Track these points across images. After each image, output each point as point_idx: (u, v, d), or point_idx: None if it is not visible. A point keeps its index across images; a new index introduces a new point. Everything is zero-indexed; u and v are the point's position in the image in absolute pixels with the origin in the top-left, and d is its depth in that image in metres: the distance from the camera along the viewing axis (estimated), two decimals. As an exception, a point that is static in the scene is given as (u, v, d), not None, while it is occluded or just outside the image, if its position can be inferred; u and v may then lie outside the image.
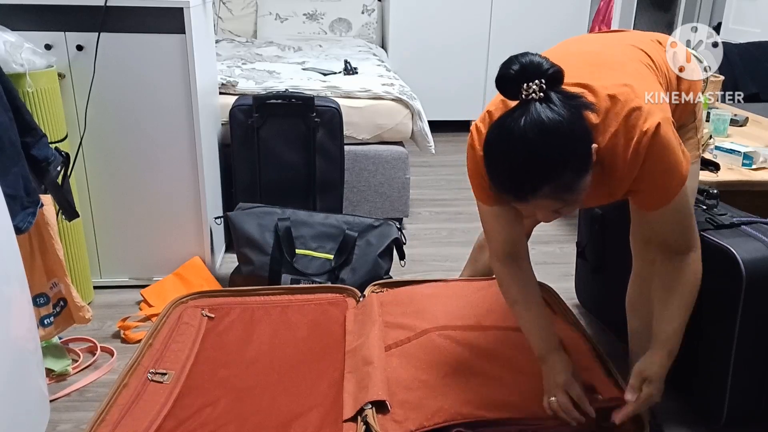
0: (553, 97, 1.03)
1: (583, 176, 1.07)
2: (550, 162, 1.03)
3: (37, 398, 1.30)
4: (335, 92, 2.53)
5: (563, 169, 1.04)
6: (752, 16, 4.00)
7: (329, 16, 4.16)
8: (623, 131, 1.11)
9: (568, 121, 1.03)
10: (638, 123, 1.10)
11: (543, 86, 1.03)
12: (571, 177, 1.06)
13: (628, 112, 1.11)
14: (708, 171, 1.91)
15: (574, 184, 1.07)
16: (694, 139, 1.39)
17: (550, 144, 1.02)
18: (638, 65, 1.22)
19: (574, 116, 1.04)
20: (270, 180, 2.37)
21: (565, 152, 1.04)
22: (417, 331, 1.56)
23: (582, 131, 1.06)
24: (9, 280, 1.20)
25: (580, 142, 1.06)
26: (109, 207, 2.06)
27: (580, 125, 1.06)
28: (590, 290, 1.98)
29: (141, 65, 1.93)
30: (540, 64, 1.04)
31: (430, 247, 2.52)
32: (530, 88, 1.03)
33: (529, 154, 1.03)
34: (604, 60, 1.23)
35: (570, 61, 1.15)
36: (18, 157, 1.42)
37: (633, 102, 1.11)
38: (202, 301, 1.79)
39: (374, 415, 1.29)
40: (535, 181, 1.04)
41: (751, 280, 1.34)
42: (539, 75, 1.03)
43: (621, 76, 1.17)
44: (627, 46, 1.28)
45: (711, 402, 1.47)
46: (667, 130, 1.11)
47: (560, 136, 1.02)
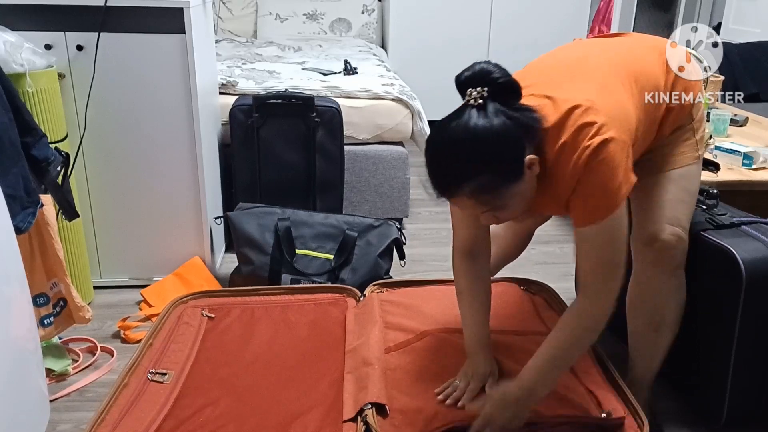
0: (489, 106, 1.08)
1: (508, 183, 1.12)
2: (469, 163, 1.09)
3: (37, 398, 1.30)
4: (335, 92, 2.53)
5: (482, 172, 1.09)
6: (752, 16, 4.00)
7: (329, 16, 4.16)
8: (570, 144, 1.12)
9: (496, 130, 1.07)
10: (585, 138, 1.11)
11: (483, 94, 1.08)
12: (492, 181, 1.10)
13: (579, 126, 1.12)
14: (708, 171, 1.91)
15: (495, 189, 1.11)
16: (692, 140, 1.37)
17: (472, 147, 1.09)
18: (613, 80, 1.21)
19: (506, 126, 1.08)
20: (270, 180, 2.37)
21: (486, 157, 1.09)
22: (417, 333, 1.56)
23: (511, 141, 1.10)
24: (9, 280, 1.20)
25: (505, 150, 1.10)
26: (109, 207, 2.06)
27: (510, 135, 1.09)
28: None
29: (141, 65, 1.93)
30: (490, 72, 1.10)
31: (430, 247, 2.52)
32: (471, 94, 1.09)
33: (450, 155, 1.11)
34: (581, 72, 1.23)
35: (548, 70, 1.22)
36: (18, 157, 1.42)
37: (587, 117, 1.12)
38: (202, 301, 1.79)
39: (374, 415, 1.29)
40: (455, 180, 1.11)
41: (751, 280, 1.34)
42: (485, 83, 1.09)
43: (589, 89, 1.17)
44: (612, 61, 1.27)
45: (711, 402, 1.47)
46: (613, 150, 1.10)
47: (483, 142, 1.08)
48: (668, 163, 1.35)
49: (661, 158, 1.36)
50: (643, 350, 1.47)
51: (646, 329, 1.44)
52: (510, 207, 1.16)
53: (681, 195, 1.34)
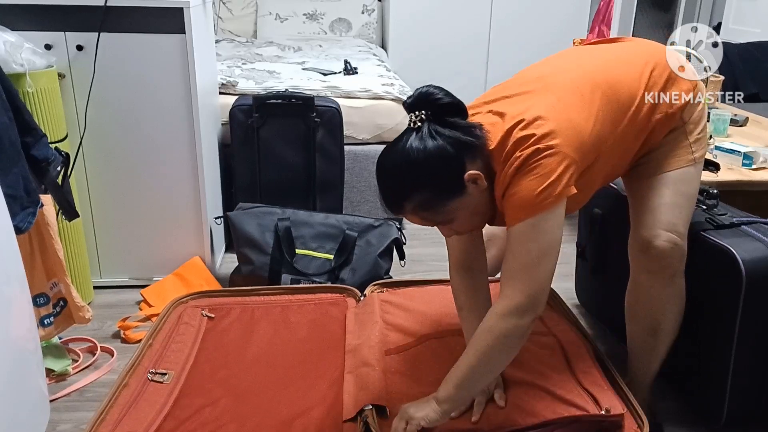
0: (425, 128, 1.15)
1: (448, 199, 1.17)
2: (405, 184, 1.17)
3: (37, 398, 1.30)
4: (335, 92, 2.53)
5: (418, 191, 1.16)
6: (752, 16, 4.00)
7: (329, 16, 4.16)
8: (511, 152, 1.15)
9: (429, 151, 1.13)
10: (522, 146, 1.13)
11: (422, 117, 1.15)
12: (430, 199, 1.17)
13: (519, 138, 1.14)
14: (708, 171, 1.91)
15: (435, 206, 1.17)
16: (685, 143, 1.33)
17: (407, 169, 1.16)
18: (571, 96, 1.20)
19: (440, 147, 1.14)
20: (270, 180, 2.37)
21: (421, 177, 1.15)
22: (417, 337, 1.56)
23: (446, 160, 1.14)
24: (9, 280, 1.20)
25: (439, 169, 1.15)
26: (109, 207, 2.06)
27: (444, 155, 1.14)
28: (590, 290, 1.98)
29: (141, 65, 1.92)
30: (431, 94, 1.16)
31: (430, 247, 2.52)
32: (411, 118, 1.17)
33: (390, 176, 1.19)
34: (543, 87, 1.23)
35: (514, 85, 1.26)
36: (18, 157, 1.42)
37: (527, 130, 1.14)
38: (202, 301, 1.79)
39: (374, 415, 1.29)
40: (396, 200, 1.19)
41: (751, 280, 1.34)
42: (427, 106, 1.16)
43: (541, 104, 1.18)
44: (581, 75, 1.25)
45: (711, 402, 1.47)
46: (546, 159, 1.12)
47: (416, 163, 1.14)
48: (662, 167, 1.33)
49: (654, 161, 1.34)
50: (642, 353, 1.47)
51: (643, 334, 1.43)
52: (460, 219, 1.21)
53: (676, 199, 1.32)
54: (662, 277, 1.33)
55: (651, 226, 1.31)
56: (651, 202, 1.32)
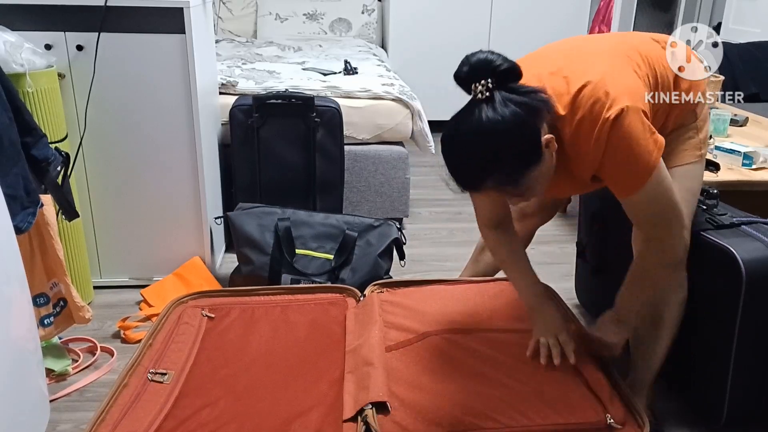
0: (497, 97, 1.09)
1: (529, 169, 1.13)
2: (487, 161, 1.11)
3: (37, 398, 1.30)
4: (335, 92, 2.53)
5: (502, 165, 1.11)
6: (752, 16, 4.00)
7: (329, 16, 4.16)
8: (588, 120, 1.16)
9: (508, 120, 1.08)
10: (602, 111, 1.14)
11: (489, 86, 1.09)
12: (513, 171, 1.13)
13: (594, 101, 1.15)
14: (708, 171, 1.91)
15: (518, 177, 1.14)
16: (695, 139, 1.38)
17: (488, 144, 1.10)
18: (619, 59, 1.25)
19: (517, 115, 1.09)
20: (270, 180, 2.37)
21: (504, 150, 1.10)
22: (418, 334, 1.56)
23: (525, 128, 1.11)
24: (9, 280, 1.20)
25: (521, 139, 1.11)
26: (109, 207, 2.06)
27: (523, 123, 1.10)
28: (590, 290, 1.98)
29: (141, 65, 1.93)
30: (490, 62, 1.10)
31: (430, 247, 2.52)
32: (477, 89, 1.10)
33: (468, 154, 1.12)
34: (586, 52, 1.28)
35: (552, 54, 1.27)
36: (18, 157, 1.42)
37: (600, 91, 1.15)
38: (202, 301, 1.79)
39: (374, 415, 1.29)
40: (477, 178, 1.13)
41: (751, 280, 1.34)
42: (488, 74, 1.09)
43: (596, 67, 1.20)
44: (615, 43, 1.31)
45: (711, 402, 1.47)
46: (631, 119, 1.14)
47: (498, 136, 1.09)
48: (669, 161, 1.35)
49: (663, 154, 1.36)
50: (644, 349, 1.48)
51: (646, 326, 1.45)
52: (534, 188, 1.18)
53: (682, 193, 1.34)
54: (667, 266, 1.36)
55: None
56: None
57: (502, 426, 1.26)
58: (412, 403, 1.32)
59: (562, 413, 1.27)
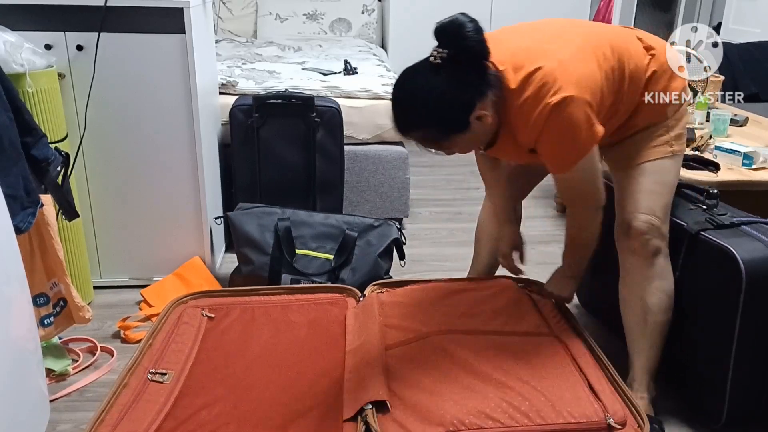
0: (446, 68, 1.22)
1: (451, 135, 1.29)
2: (415, 118, 1.28)
3: (37, 398, 1.30)
4: (335, 92, 2.53)
5: (427, 126, 1.28)
6: (752, 16, 4.00)
7: (329, 16, 4.16)
8: (532, 99, 1.27)
9: (443, 91, 1.23)
10: (546, 95, 1.25)
11: (443, 55, 1.22)
12: (436, 134, 1.29)
13: (542, 84, 1.26)
14: (708, 171, 1.91)
15: (440, 139, 1.30)
16: (666, 137, 1.44)
17: (418, 106, 1.26)
18: (585, 49, 1.33)
19: (454, 88, 1.23)
20: (270, 180, 2.37)
21: (429, 116, 1.26)
22: (418, 334, 1.56)
23: (455, 102, 1.24)
24: (9, 280, 1.20)
25: (450, 109, 1.25)
26: (109, 207, 2.06)
27: (456, 96, 1.24)
28: (590, 290, 1.98)
29: (141, 65, 1.93)
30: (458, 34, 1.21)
31: (430, 247, 2.52)
32: (433, 53, 1.24)
33: (405, 105, 1.29)
34: (558, 36, 1.37)
35: (532, 30, 1.40)
36: (18, 157, 1.42)
37: (550, 76, 1.25)
38: (202, 301, 1.79)
39: (374, 415, 1.29)
40: (404, 128, 1.30)
41: (751, 280, 1.34)
42: (450, 44, 1.22)
43: (558, 53, 1.29)
44: (590, 33, 1.40)
45: (711, 402, 1.47)
46: (572, 108, 1.25)
47: (430, 101, 1.24)
48: (640, 157, 1.45)
49: (634, 152, 1.46)
50: (637, 345, 1.51)
51: (636, 321, 1.50)
52: (458, 148, 1.35)
53: (653, 186, 1.43)
54: (644, 257, 1.44)
55: (631, 210, 1.44)
56: (630, 189, 1.45)
57: (502, 426, 1.25)
58: (412, 403, 1.32)
59: (562, 413, 1.27)
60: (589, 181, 1.39)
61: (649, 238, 1.42)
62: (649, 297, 1.46)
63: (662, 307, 1.47)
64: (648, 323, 1.48)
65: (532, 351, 1.46)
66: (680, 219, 1.53)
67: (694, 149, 2.13)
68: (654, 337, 1.48)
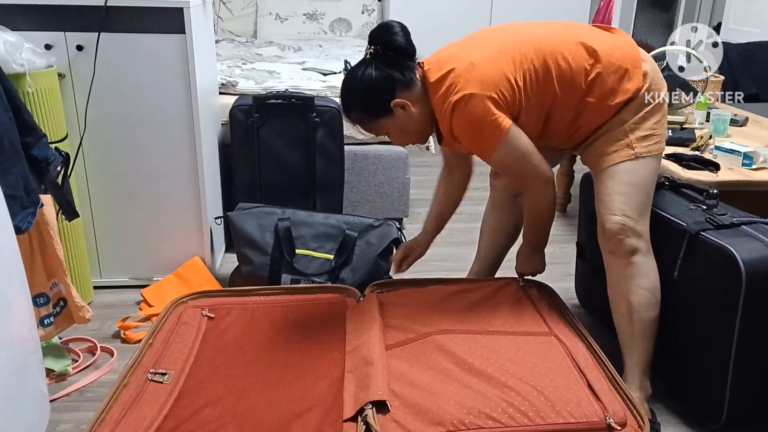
0: (373, 62, 1.47)
1: (379, 119, 1.51)
2: (349, 102, 1.53)
3: (37, 398, 1.31)
4: (335, 92, 2.53)
5: (355, 108, 1.53)
6: (752, 16, 4.00)
7: (329, 16, 4.16)
8: (441, 98, 1.46)
9: (366, 79, 1.47)
10: (449, 95, 1.43)
11: (371, 51, 1.47)
12: (366, 116, 1.53)
13: (450, 84, 1.44)
14: (708, 171, 1.91)
15: (370, 122, 1.53)
16: (625, 140, 1.48)
17: (351, 93, 1.52)
18: (503, 52, 1.45)
19: (376, 78, 1.46)
20: (270, 180, 2.37)
21: (357, 98, 1.52)
22: (418, 334, 1.56)
23: (377, 91, 1.48)
24: (9, 280, 1.20)
25: (371, 97, 1.49)
26: (109, 207, 2.06)
27: (378, 85, 1.47)
28: (590, 290, 1.98)
29: (141, 65, 1.93)
30: (390, 30, 1.47)
31: (430, 248, 2.51)
32: (366, 49, 1.49)
33: (342, 93, 1.54)
34: (484, 41, 1.51)
35: (472, 37, 1.54)
36: (18, 157, 1.42)
37: (457, 77, 1.43)
38: (202, 301, 1.79)
39: (374, 415, 1.29)
40: (345, 109, 1.56)
41: (751, 280, 1.34)
42: (378, 42, 1.46)
43: (473, 56, 1.44)
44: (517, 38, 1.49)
45: (710, 402, 1.47)
46: (473, 104, 1.41)
47: (357, 87, 1.50)
48: (603, 161, 1.50)
49: (596, 156, 1.52)
50: (627, 343, 1.54)
51: (623, 320, 1.53)
52: (392, 134, 1.56)
53: (621, 188, 1.47)
54: (620, 257, 1.48)
55: (603, 213, 1.49)
56: (601, 194, 1.50)
57: (502, 426, 1.26)
58: (412, 402, 1.32)
59: (561, 413, 1.27)
60: (519, 160, 1.48)
61: (623, 238, 1.46)
62: (631, 296, 1.49)
63: (646, 304, 1.49)
64: (634, 321, 1.50)
65: (532, 351, 1.46)
66: (680, 219, 1.53)
67: (694, 149, 2.13)
68: (642, 335, 1.51)
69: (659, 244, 1.51)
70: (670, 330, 1.55)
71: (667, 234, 1.54)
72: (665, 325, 1.53)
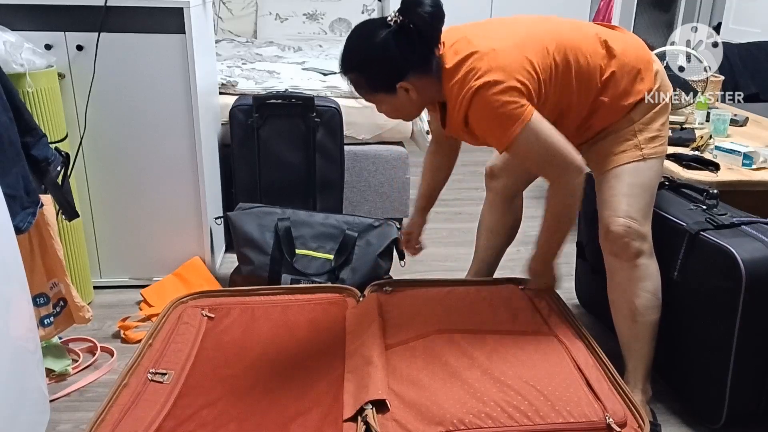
0: (396, 33, 1.32)
1: (378, 92, 1.41)
2: (353, 60, 1.39)
3: (37, 398, 1.31)
4: (335, 92, 2.53)
5: (358, 71, 1.40)
6: (752, 16, 4.00)
7: (329, 16, 4.16)
8: (460, 82, 1.36)
9: (383, 51, 1.34)
10: (471, 80, 1.34)
11: (398, 21, 1.32)
12: (363, 82, 1.41)
13: (470, 69, 1.34)
14: (708, 171, 1.91)
15: (366, 89, 1.42)
16: (633, 141, 1.46)
17: (360, 50, 1.38)
18: (526, 43, 1.38)
19: (393, 53, 1.33)
20: (270, 180, 2.37)
21: (364, 63, 1.38)
22: (418, 333, 1.56)
23: (391, 66, 1.36)
24: (9, 280, 1.20)
25: (380, 68, 1.37)
26: (109, 207, 2.06)
27: (391, 61, 1.35)
28: (590, 290, 1.98)
29: (141, 65, 1.93)
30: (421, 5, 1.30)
31: (430, 247, 2.51)
32: (392, 15, 1.34)
33: (350, 44, 1.39)
34: (506, 28, 1.44)
35: (491, 23, 1.48)
36: (18, 157, 1.42)
37: (478, 63, 1.34)
38: (202, 301, 1.79)
39: (374, 414, 1.29)
40: (343, 66, 1.41)
41: (751, 280, 1.34)
42: (410, 13, 1.31)
43: (495, 42, 1.37)
44: (542, 29, 1.44)
45: (710, 402, 1.47)
46: (493, 92, 1.31)
47: (368, 51, 1.36)
48: (610, 162, 1.47)
49: (603, 156, 1.49)
50: (628, 346, 1.52)
51: (626, 322, 1.51)
52: (384, 108, 1.46)
53: (626, 189, 1.44)
54: (625, 260, 1.45)
55: (608, 215, 1.45)
56: (605, 195, 1.47)
57: (502, 425, 1.26)
58: (411, 402, 1.32)
59: (561, 413, 1.27)
60: (546, 147, 1.37)
61: (628, 241, 1.43)
62: (635, 299, 1.47)
63: (650, 307, 1.48)
64: (637, 324, 1.49)
65: (532, 351, 1.46)
66: (680, 219, 1.53)
67: (694, 149, 2.13)
68: (644, 338, 1.49)
69: (659, 244, 1.51)
70: (671, 330, 1.55)
71: (667, 234, 1.54)
72: (665, 325, 1.53)
